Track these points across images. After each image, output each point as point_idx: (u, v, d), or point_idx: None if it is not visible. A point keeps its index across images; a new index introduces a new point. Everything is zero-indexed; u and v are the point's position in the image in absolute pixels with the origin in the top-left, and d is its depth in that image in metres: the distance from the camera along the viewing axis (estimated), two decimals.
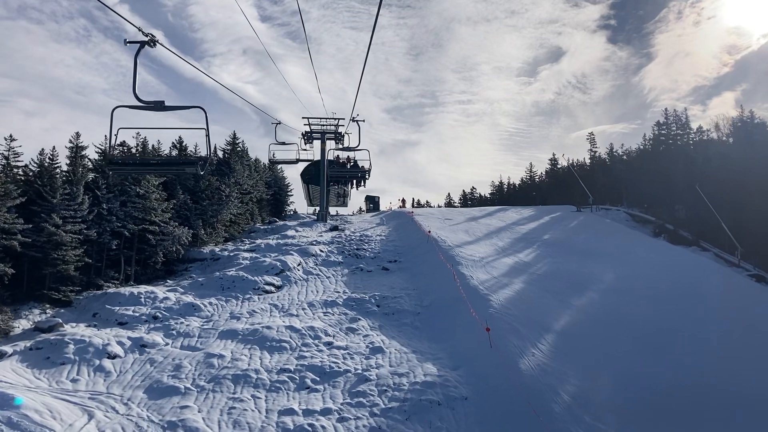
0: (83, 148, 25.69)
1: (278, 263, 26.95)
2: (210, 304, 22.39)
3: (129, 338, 18.47)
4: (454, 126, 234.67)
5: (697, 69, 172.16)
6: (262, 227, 39.08)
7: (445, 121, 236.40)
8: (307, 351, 18.34)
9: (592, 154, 55.78)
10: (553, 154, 60.37)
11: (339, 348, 18.71)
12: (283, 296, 24.18)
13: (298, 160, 41.19)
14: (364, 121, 39.63)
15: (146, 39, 8.75)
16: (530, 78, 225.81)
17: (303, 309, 22.48)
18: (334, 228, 38.20)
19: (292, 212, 54.76)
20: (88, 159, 25.88)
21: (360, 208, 68.95)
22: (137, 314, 20.80)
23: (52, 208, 21.92)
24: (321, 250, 30.74)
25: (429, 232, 31.45)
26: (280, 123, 37.08)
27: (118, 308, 21.07)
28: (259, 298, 23.75)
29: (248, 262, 27.64)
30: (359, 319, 21.50)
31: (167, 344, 18.68)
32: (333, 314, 21.98)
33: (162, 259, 26.84)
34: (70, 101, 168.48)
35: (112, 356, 17.27)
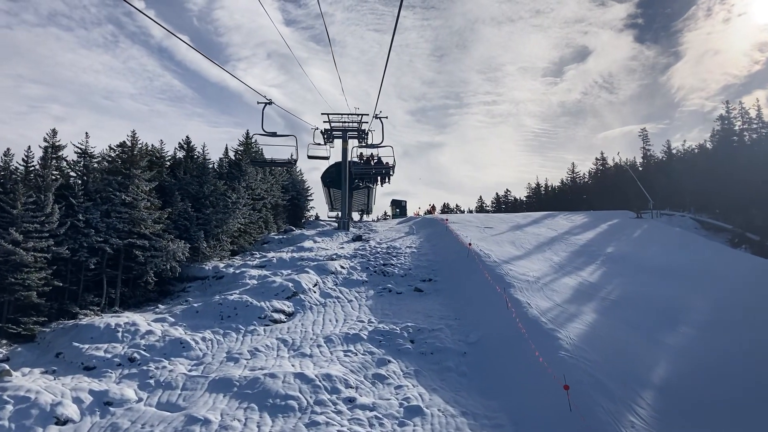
0: (60, 147, 21.72)
1: (290, 284, 22.45)
2: (203, 339, 17.97)
3: (91, 392, 14.14)
4: (478, 127, 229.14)
5: (726, 67, 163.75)
6: (276, 237, 34.76)
7: (469, 123, 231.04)
8: (321, 413, 13.69)
9: (645, 152, 49.97)
10: (602, 153, 54.88)
11: (364, 408, 14.01)
12: (294, 328, 19.64)
13: (294, 161, 31.69)
14: (387, 117, 35.89)
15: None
16: (556, 78, 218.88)
17: (318, 346, 17.88)
18: (358, 238, 33.67)
19: (313, 218, 50.63)
20: (65, 160, 21.88)
21: (384, 213, 64.45)
22: (110, 355, 16.49)
23: (11, 221, 17.86)
24: (342, 266, 26.17)
25: (470, 244, 26.59)
26: (271, 103, 24.05)
27: (87, 347, 16.81)
28: (265, 331, 19.27)
29: (255, 283, 23.23)
30: (389, 361, 16.80)
31: (140, 400, 14.26)
32: (356, 354, 17.32)
33: (153, 279, 22.63)
34: (99, 106, 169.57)
35: (63, 421, 12.93)
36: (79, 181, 21.77)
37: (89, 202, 20.97)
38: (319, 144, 36.16)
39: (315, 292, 22.71)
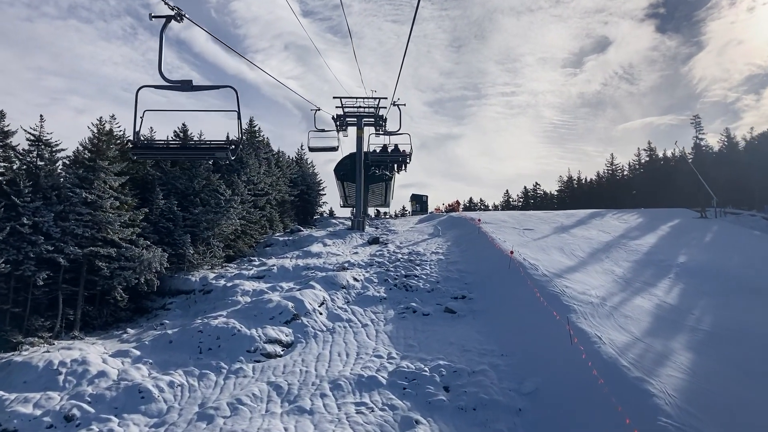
0: (8, 134, 17.59)
1: (291, 304, 18.06)
2: (171, 385, 13.66)
3: None
4: (496, 118, 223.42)
5: (750, 57, 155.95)
6: (281, 239, 30.45)
7: (487, 114, 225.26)
8: None
9: (697, 141, 44.41)
10: (649, 143, 49.05)
11: None
12: (292, 365, 15.25)
13: (235, 144, 9.93)
14: (405, 105, 31.86)
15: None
16: (576, 69, 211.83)
17: (322, 396, 13.46)
18: (374, 240, 29.22)
19: (326, 214, 46.32)
20: (12, 150, 17.74)
21: (403, 208, 60.02)
22: (40, 411, 12.26)
23: None
24: (355, 278, 21.72)
25: (511, 252, 21.89)
26: (179, 18, 8.40)
27: (13, 398, 12.61)
28: (253, 370, 14.92)
29: (248, 301, 18.93)
30: (417, 422, 12.30)
31: None
32: (372, 409, 12.86)
33: (124, 296, 18.47)
34: (118, 98, 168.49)
35: None
36: (29, 174, 17.61)
37: (39, 202, 16.80)
38: (323, 130, 31.47)
39: (321, 314, 18.30)
